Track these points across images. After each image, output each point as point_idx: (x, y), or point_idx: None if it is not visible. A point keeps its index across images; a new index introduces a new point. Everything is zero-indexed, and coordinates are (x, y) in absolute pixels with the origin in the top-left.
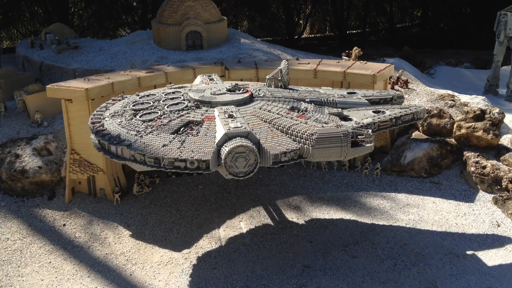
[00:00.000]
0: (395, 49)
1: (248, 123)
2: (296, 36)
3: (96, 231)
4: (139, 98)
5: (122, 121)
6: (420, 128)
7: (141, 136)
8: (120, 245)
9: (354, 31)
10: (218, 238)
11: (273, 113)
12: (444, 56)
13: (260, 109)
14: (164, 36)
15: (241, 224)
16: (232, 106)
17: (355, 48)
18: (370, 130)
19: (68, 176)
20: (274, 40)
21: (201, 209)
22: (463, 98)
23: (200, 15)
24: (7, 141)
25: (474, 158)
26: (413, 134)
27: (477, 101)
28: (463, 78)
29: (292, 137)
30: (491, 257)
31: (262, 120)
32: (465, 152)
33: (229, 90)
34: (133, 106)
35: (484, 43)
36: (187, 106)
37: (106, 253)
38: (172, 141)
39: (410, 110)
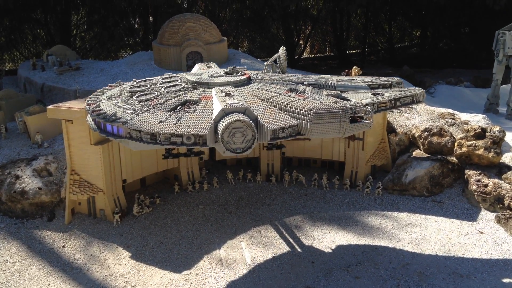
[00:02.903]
0: (394, 69)
1: (246, 102)
2: (296, 56)
3: (95, 253)
4: (136, 83)
5: (118, 102)
6: (421, 147)
7: (138, 114)
8: (120, 267)
9: (354, 51)
10: (218, 258)
11: (270, 92)
12: (443, 75)
13: (258, 89)
14: (165, 57)
15: (242, 245)
16: (230, 86)
17: (354, 67)
18: (369, 107)
19: (68, 197)
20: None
21: (202, 230)
22: (464, 116)
23: (200, 36)
24: (7, 162)
25: (475, 176)
26: (414, 152)
27: (477, 120)
28: (463, 97)
29: (290, 113)
30: (495, 276)
31: (260, 99)
32: (466, 171)
33: (226, 73)
34: (129, 89)
35: (484, 62)
36: (184, 87)
37: (105, 275)
38: (168, 117)
39: (410, 92)
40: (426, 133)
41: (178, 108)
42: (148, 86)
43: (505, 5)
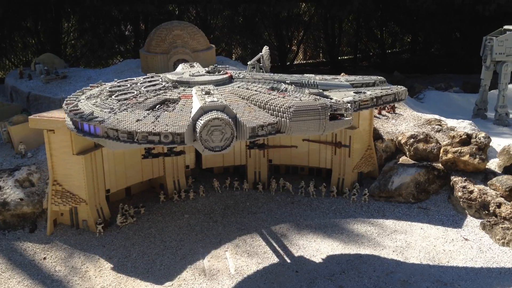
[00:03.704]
0: (386, 74)
1: (226, 100)
2: (288, 63)
3: (76, 264)
4: (117, 82)
5: (97, 101)
6: (407, 153)
7: (115, 113)
8: (101, 279)
9: (346, 57)
10: (202, 269)
11: (251, 90)
12: (434, 80)
13: (238, 87)
14: (152, 65)
15: (226, 254)
16: (211, 85)
17: (342, 74)
18: (349, 104)
19: (50, 208)
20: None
21: (186, 239)
22: (450, 122)
23: (187, 44)
24: None
25: (461, 183)
26: (400, 159)
27: (463, 126)
28: (452, 102)
29: (270, 111)
30: (479, 284)
31: (240, 97)
32: (452, 177)
33: (208, 72)
34: (109, 88)
35: (474, 67)
36: (164, 86)
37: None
38: (146, 116)
39: (392, 90)
40: (412, 139)
41: (157, 106)
42: (128, 85)
43: (495, 11)
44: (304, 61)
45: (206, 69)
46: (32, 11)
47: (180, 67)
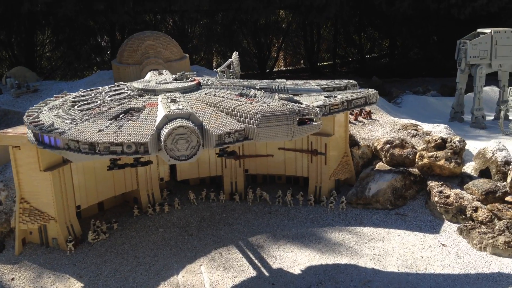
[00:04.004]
0: (365, 79)
1: (192, 108)
2: (268, 70)
3: (46, 285)
4: (82, 92)
5: (58, 112)
6: (384, 159)
7: (76, 124)
8: None
9: (325, 63)
10: (176, 285)
11: (218, 97)
12: (413, 84)
13: (206, 94)
14: (124, 76)
15: (201, 268)
16: (177, 93)
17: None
18: (317, 108)
19: (18, 227)
20: (246, 74)
21: (160, 255)
22: (426, 127)
23: (160, 54)
24: None
25: (437, 187)
26: (377, 165)
27: (439, 130)
28: (430, 106)
29: (237, 118)
30: None
31: (207, 104)
32: (428, 182)
33: (175, 79)
34: (72, 98)
35: (452, 70)
36: (129, 95)
37: None
38: (108, 126)
39: (362, 93)
40: (387, 145)
41: (121, 116)
42: (93, 95)
43: (469, 14)
44: (284, 68)
45: (173, 76)
46: (4, 24)
47: (148, 75)
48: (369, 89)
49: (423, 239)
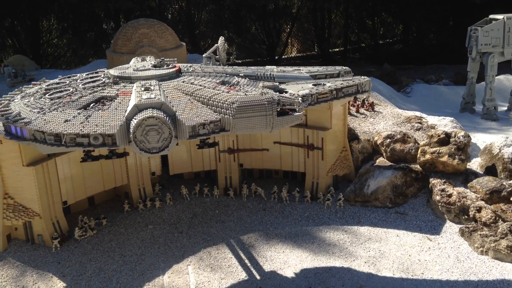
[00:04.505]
0: (377, 66)
1: (167, 96)
2: (277, 56)
3: (28, 284)
4: (58, 79)
5: (29, 101)
6: (384, 155)
7: (44, 113)
8: None
9: (337, 49)
10: (161, 286)
11: (195, 85)
12: (427, 72)
13: (183, 82)
14: (118, 65)
15: (188, 269)
16: (153, 80)
17: None
18: (300, 98)
19: (2, 223)
20: (255, 61)
21: (147, 253)
22: (431, 120)
23: (155, 43)
24: None
25: (440, 185)
26: (377, 160)
27: (444, 123)
28: (440, 96)
29: (213, 108)
30: None
31: (183, 93)
32: (431, 179)
33: (154, 66)
34: (46, 86)
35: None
36: (103, 82)
37: None
38: (76, 116)
39: (353, 81)
40: (388, 139)
41: (92, 105)
42: (67, 82)
43: None
44: (294, 55)
45: (152, 63)
46: (10, 11)
47: (132, 61)
48: (362, 77)
49: (422, 241)
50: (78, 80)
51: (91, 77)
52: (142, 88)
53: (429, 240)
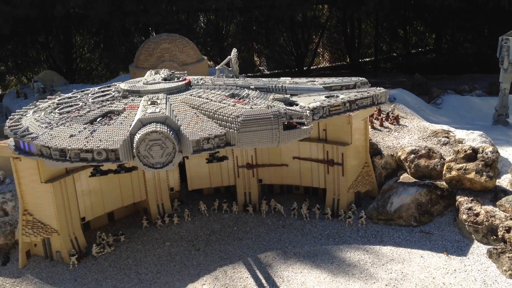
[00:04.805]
0: (409, 76)
1: (173, 110)
2: (306, 67)
3: None
4: (72, 93)
5: (40, 116)
6: (408, 171)
7: (51, 128)
8: None
9: (368, 59)
10: None
11: (202, 98)
12: (461, 82)
13: (191, 95)
14: None
15: None
16: (162, 94)
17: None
18: (307, 111)
19: (21, 239)
20: (283, 72)
21: (163, 271)
22: (459, 134)
23: (176, 57)
24: None
25: (466, 203)
26: (401, 177)
27: (473, 137)
28: (473, 107)
29: (218, 121)
30: None
31: (190, 106)
32: (458, 197)
33: (164, 79)
34: (58, 100)
35: None
36: (112, 96)
37: None
38: (82, 131)
39: (368, 93)
40: (412, 155)
41: (99, 119)
42: (78, 97)
43: None
44: (323, 65)
45: (162, 76)
46: (44, 26)
47: (146, 74)
48: (377, 88)
49: (448, 262)
50: (89, 95)
51: (102, 91)
52: (149, 102)
53: (428, 233)
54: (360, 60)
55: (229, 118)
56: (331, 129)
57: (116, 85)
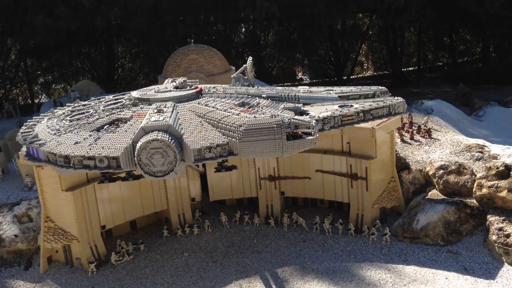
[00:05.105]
0: (453, 86)
1: (179, 118)
2: (345, 77)
3: None
4: (88, 101)
5: (52, 123)
6: (437, 187)
7: (59, 135)
8: None
9: (411, 68)
10: None
11: (209, 107)
12: (508, 92)
13: (199, 104)
14: None
15: None
16: (171, 102)
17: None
18: (314, 120)
19: (43, 245)
20: (323, 81)
21: (178, 282)
22: (494, 149)
23: (203, 68)
24: None
25: (497, 223)
26: (430, 193)
27: (508, 153)
28: None
29: (222, 130)
30: None
31: (196, 115)
32: (488, 216)
33: (176, 88)
34: (72, 108)
35: None
36: (123, 104)
37: None
38: (87, 138)
39: (384, 103)
40: (441, 171)
41: (105, 127)
42: (92, 104)
43: None
44: (363, 75)
45: (174, 84)
46: (87, 38)
47: (165, 82)
48: (395, 98)
49: (475, 285)
50: (102, 102)
51: (116, 99)
52: (155, 110)
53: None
54: (403, 70)
55: (232, 127)
56: (355, 142)
57: (130, 93)
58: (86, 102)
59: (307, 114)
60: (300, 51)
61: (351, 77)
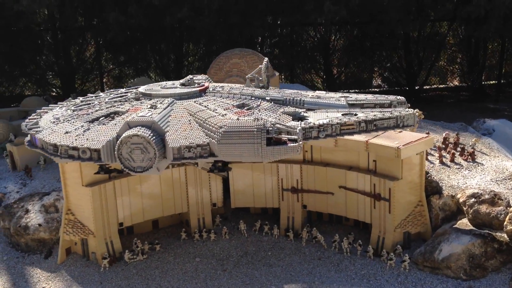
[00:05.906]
0: None
1: (170, 115)
2: (418, 87)
3: None
4: (102, 93)
5: (58, 112)
6: (467, 216)
7: (56, 124)
8: None
9: (492, 82)
10: None
11: (202, 106)
12: None
13: (195, 102)
14: None
15: None
16: (170, 98)
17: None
18: (299, 127)
19: (62, 237)
20: (393, 90)
21: (183, 287)
22: None
23: (244, 72)
24: (25, 195)
25: None
26: (459, 222)
27: None
28: None
29: (205, 131)
30: None
31: (188, 113)
32: None
33: (182, 84)
34: (82, 99)
35: None
36: (125, 98)
37: None
38: (77, 128)
39: (392, 113)
40: (473, 199)
41: (100, 119)
42: (102, 96)
43: None
44: (437, 86)
45: (181, 81)
46: (160, 35)
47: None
48: (406, 109)
49: None
50: (111, 95)
51: (125, 93)
52: (148, 106)
53: None
54: (483, 83)
55: (213, 128)
56: (381, 160)
57: (138, 87)
58: (96, 95)
59: (305, 120)
60: (371, 57)
61: (423, 87)
